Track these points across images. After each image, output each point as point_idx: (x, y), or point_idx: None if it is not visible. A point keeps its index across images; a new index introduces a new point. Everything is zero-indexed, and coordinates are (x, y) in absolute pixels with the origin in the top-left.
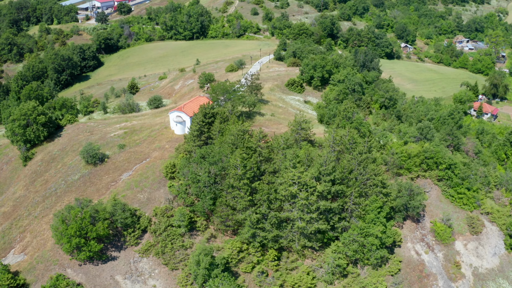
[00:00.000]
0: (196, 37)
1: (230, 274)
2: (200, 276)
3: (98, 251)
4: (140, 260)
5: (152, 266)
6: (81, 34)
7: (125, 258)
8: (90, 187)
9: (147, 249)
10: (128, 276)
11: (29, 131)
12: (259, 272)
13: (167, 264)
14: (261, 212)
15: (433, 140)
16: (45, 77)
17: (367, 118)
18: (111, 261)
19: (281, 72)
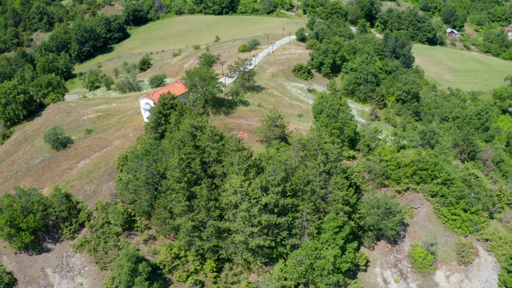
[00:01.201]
0: (225, 12)
1: (159, 282)
2: (124, 281)
3: (33, 241)
4: (73, 255)
5: (84, 263)
6: (113, 5)
7: (59, 251)
8: (47, 172)
9: (82, 244)
10: (58, 270)
11: (9, 109)
12: (194, 283)
13: (98, 262)
14: (198, 220)
15: (437, 146)
16: (68, 48)
17: (377, 112)
18: (45, 253)
19: (294, 55)
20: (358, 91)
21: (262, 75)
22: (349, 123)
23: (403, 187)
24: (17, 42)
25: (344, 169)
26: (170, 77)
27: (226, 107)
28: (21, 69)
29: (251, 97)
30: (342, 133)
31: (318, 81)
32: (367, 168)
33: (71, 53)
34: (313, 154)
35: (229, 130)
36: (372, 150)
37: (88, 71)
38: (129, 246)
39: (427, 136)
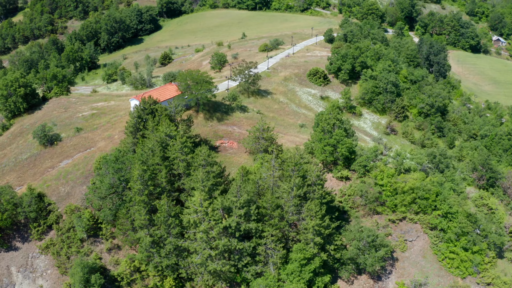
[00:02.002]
0: (259, 7)
1: None
2: None
3: (2, 238)
4: (38, 256)
5: (47, 266)
6: None
7: (26, 251)
8: (31, 169)
9: (47, 246)
10: (22, 270)
11: (10, 101)
12: None
13: (59, 267)
14: (158, 236)
15: (446, 172)
16: (98, 37)
17: (393, 125)
18: (13, 251)
19: (314, 58)
20: (376, 101)
21: (273, 79)
22: (344, 140)
23: (399, 216)
24: (51, 29)
25: (323, 194)
26: None
27: (221, 113)
28: (43, 59)
29: (253, 103)
30: (335, 151)
31: (335, 87)
32: (359, 192)
33: (100, 43)
34: (289, 176)
35: (218, 138)
36: (369, 172)
37: (111, 63)
38: (92, 253)
39: (436, 159)
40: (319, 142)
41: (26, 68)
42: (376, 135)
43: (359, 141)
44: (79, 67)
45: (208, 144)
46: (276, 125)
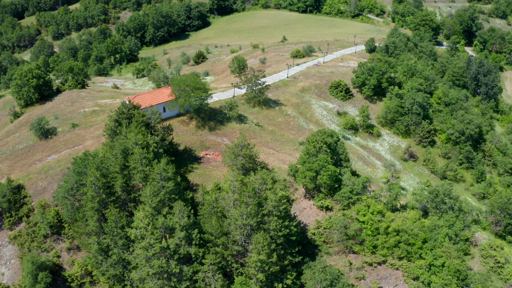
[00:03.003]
0: (309, 10)
1: None
2: (27, 285)
3: None
4: (6, 245)
5: (12, 255)
6: None
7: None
8: (23, 159)
9: (15, 237)
10: None
11: (23, 91)
12: None
13: (21, 258)
14: (105, 245)
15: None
16: (145, 30)
17: (414, 150)
18: None
19: (343, 69)
20: (399, 122)
21: (289, 88)
22: (327, 167)
23: (378, 259)
24: (104, 18)
25: (279, 227)
26: (214, 75)
27: (215, 122)
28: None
29: (255, 114)
30: (316, 178)
31: (357, 103)
32: (337, 226)
33: (146, 36)
34: (243, 202)
35: (204, 149)
36: (354, 204)
37: (148, 57)
38: (52, 250)
39: (438, 199)
40: (302, 165)
41: (70, 56)
42: (390, 160)
43: (367, 165)
44: (118, 59)
45: (191, 154)
46: (272, 140)
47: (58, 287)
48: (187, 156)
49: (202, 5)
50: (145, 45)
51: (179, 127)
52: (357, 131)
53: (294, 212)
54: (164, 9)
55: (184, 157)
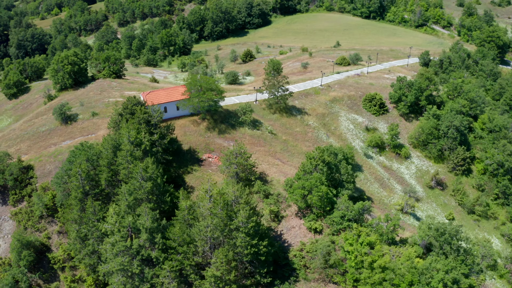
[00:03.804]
0: (372, 16)
1: (47, 274)
2: (13, 261)
3: None
4: (8, 220)
5: (10, 230)
6: None
7: (0, 212)
8: (41, 141)
9: (16, 214)
10: None
11: (59, 76)
12: None
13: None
14: (82, 234)
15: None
16: (204, 25)
17: (443, 178)
18: None
19: (387, 82)
20: (432, 145)
21: (319, 97)
22: (319, 188)
23: None
24: (169, 10)
25: (245, 244)
26: (255, 75)
27: (227, 125)
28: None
29: (273, 120)
30: (307, 197)
31: (390, 119)
32: (320, 251)
33: (205, 30)
34: (212, 213)
35: (208, 151)
36: (344, 230)
37: (199, 51)
38: (44, 231)
39: (443, 238)
40: (296, 181)
41: (127, 44)
42: (413, 185)
43: (384, 188)
44: (172, 51)
45: (194, 156)
46: (282, 150)
47: (43, 266)
48: (190, 157)
49: (265, 3)
50: (204, 39)
51: (189, 127)
52: (383, 150)
53: (281, 230)
54: (225, 4)
55: (186, 158)
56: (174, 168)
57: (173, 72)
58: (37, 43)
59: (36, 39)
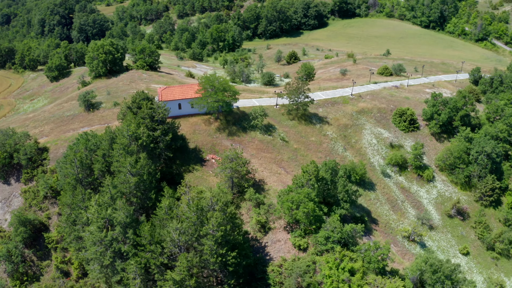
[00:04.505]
0: (432, 26)
1: (41, 252)
2: (13, 236)
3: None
4: (17, 196)
5: (18, 206)
6: None
7: (13, 189)
8: (63, 126)
9: (25, 192)
10: (3, 201)
11: (94, 63)
12: (59, 269)
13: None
14: (71, 219)
15: None
16: (258, 22)
17: (464, 207)
18: (5, 185)
19: (424, 97)
20: (459, 170)
21: (346, 107)
22: (306, 203)
23: None
24: (227, 5)
25: (210, 252)
26: (293, 78)
27: (238, 127)
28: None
29: (288, 127)
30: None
31: (419, 137)
32: (298, 270)
33: (258, 28)
34: (187, 216)
35: (212, 152)
36: (328, 252)
37: (247, 49)
38: (46, 211)
39: (436, 276)
40: (286, 194)
41: (179, 36)
42: (430, 211)
43: (395, 211)
44: (221, 47)
45: (198, 155)
46: (289, 159)
47: (39, 244)
48: (194, 156)
49: (324, 4)
50: (258, 37)
51: (200, 125)
52: (405, 169)
53: (266, 242)
54: (281, 4)
55: (190, 156)
56: (176, 165)
57: (215, 68)
58: (97, 29)
59: (97, 25)
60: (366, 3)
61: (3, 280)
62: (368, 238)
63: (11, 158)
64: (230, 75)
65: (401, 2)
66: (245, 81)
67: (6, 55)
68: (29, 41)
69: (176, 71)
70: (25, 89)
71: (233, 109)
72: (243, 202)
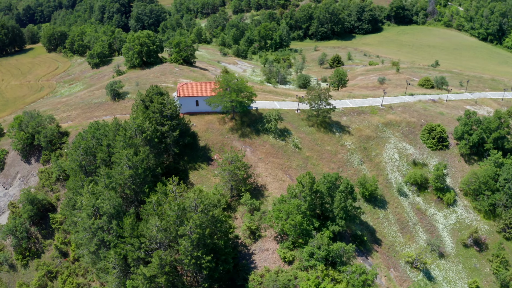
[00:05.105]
0: (490, 39)
1: (45, 231)
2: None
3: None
4: (34, 176)
5: (34, 185)
6: None
7: (32, 168)
8: (88, 112)
9: (42, 172)
10: (21, 179)
11: (130, 54)
12: (57, 249)
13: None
14: (71, 204)
15: None
16: (310, 23)
17: (483, 238)
18: (26, 164)
19: (461, 114)
20: (484, 197)
21: (373, 117)
22: (293, 216)
23: None
24: (283, 3)
25: (184, 252)
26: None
27: (252, 129)
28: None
29: (305, 133)
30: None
31: (447, 157)
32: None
33: (310, 29)
34: (168, 214)
35: (220, 152)
36: (312, 268)
37: (299, 50)
38: (57, 192)
39: None
40: (279, 203)
41: (228, 30)
42: (444, 238)
43: (403, 234)
44: (268, 45)
45: (206, 154)
46: (298, 167)
47: (46, 223)
48: (203, 154)
49: (380, 9)
50: (309, 38)
51: (214, 124)
52: (424, 190)
53: (254, 249)
54: (333, 5)
55: (199, 154)
56: (184, 161)
57: (255, 66)
58: (154, 19)
59: (153, 15)
60: (424, 10)
61: (9, 253)
62: (364, 259)
63: (32, 139)
64: (266, 74)
65: (460, 12)
66: (281, 82)
67: (59, 38)
68: (86, 27)
69: (213, 67)
70: (68, 74)
71: (251, 110)
72: (240, 206)
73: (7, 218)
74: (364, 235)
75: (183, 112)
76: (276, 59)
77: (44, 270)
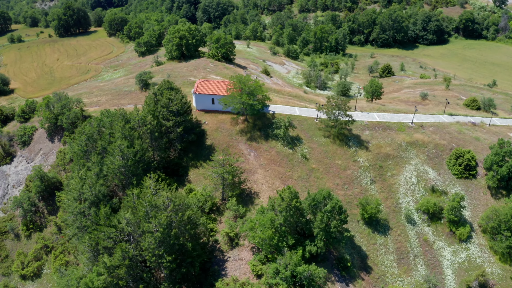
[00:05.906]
0: None
1: (52, 206)
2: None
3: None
4: (54, 154)
5: (51, 163)
6: (464, 7)
7: (53, 147)
8: (116, 99)
9: (60, 151)
10: (42, 156)
11: (170, 45)
12: (56, 226)
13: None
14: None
15: None
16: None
17: (491, 284)
18: (49, 142)
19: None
20: (502, 237)
21: (398, 135)
22: (266, 230)
23: None
24: (349, 6)
25: (147, 250)
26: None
27: (262, 133)
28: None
29: (317, 143)
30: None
31: (473, 188)
32: None
33: (372, 34)
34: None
35: (224, 154)
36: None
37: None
38: (68, 173)
39: None
40: (261, 214)
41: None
42: (446, 276)
43: (400, 266)
44: (324, 48)
45: (211, 153)
46: (299, 178)
47: (53, 200)
48: (207, 153)
49: (450, 20)
50: (370, 43)
51: (226, 124)
52: (437, 221)
53: (229, 256)
54: (397, 12)
55: (203, 153)
56: (188, 158)
57: (302, 68)
58: (220, 12)
59: (220, 8)
60: (496, 25)
61: (17, 223)
62: (343, 285)
63: (56, 119)
64: (306, 78)
65: None
66: (320, 87)
67: (120, 24)
68: (153, 14)
69: (256, 65)
70: (117, 59)
71: (267, 113)
72: (227, 211)
73: (21, 190)
74: (348, 260)
75: (199, 109)
76: (324, 63)
77: (41, 243)
